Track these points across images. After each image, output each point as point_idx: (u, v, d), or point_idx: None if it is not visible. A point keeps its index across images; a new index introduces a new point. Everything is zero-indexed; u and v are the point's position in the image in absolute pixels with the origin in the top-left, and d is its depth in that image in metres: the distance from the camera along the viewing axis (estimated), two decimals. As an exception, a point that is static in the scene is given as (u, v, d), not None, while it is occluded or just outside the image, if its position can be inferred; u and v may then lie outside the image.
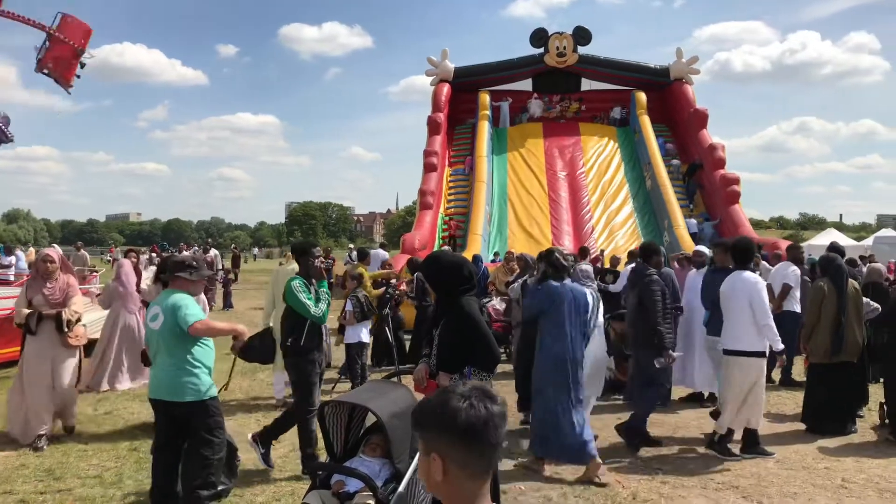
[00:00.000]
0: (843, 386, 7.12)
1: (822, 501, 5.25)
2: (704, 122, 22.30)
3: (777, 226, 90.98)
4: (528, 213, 20.71)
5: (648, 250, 6.83)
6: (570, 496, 5.32)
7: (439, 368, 4.23)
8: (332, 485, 3.73)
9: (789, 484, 5.60)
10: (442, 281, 4.35)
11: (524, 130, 24.10)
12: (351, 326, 8.57)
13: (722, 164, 20.68)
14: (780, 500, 5.26)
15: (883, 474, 5.86)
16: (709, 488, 5.51)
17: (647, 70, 24.39)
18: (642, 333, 6.45)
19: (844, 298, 6.98)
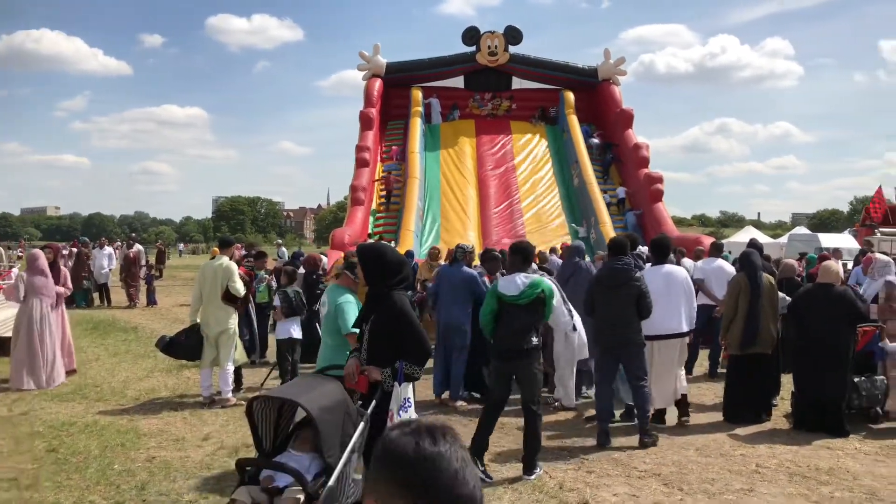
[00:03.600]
0: (758, 376, 7.44)
1: (737, 486, 5.50)
2: (630, 122, 22.90)
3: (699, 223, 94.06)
4: (460, 209, 20.86)
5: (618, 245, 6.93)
6: (499, 487, 5.42)
7: (370, 362, 4.24)
8: (260, 480, 3.70)
9: (707, 471, 5.84)
10: (379, 274, 4.36)
11: (456, 127, 24.25)
12: (280, 322, 8.48)
13: (646, 162, 21.30)
14: (699, 486, 5.48)
15: (793, 459, 6.17)
16: (632, 477, 5.69)
17: (576, 70, 24.86)
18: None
19: (758, 292, 7.29)
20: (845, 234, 33.14)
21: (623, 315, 6.41)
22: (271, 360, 9.79)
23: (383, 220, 21.13)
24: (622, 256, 6.62)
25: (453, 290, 8.12)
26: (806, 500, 5.23)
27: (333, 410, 3.79)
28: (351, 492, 3.87)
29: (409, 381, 4.22)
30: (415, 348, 4.21)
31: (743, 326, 7.31)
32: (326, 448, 3.69)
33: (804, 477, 5.73)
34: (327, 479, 3.63)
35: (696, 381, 9.24)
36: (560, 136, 23.81)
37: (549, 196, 21.83)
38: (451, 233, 19.72)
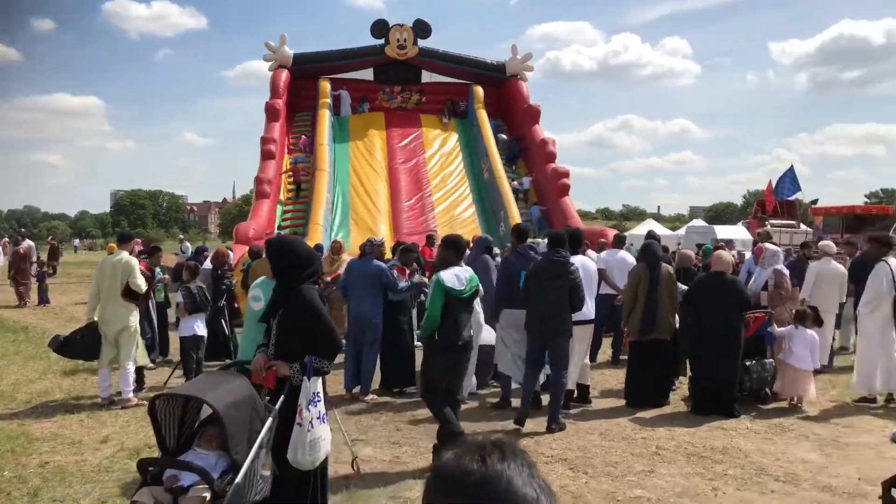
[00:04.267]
0: (658, 362, 7.76)
1: (638, 468, 5.72)
2: (537, 118, 23.33)
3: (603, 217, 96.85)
4: (370, 202, 20.75)
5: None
6: (409, 479, 5.45)
7: (278, 357, 4.18)
8: (164, 480, 3.59)
9: (611, 454, 6.05)
10: (289, 268, 4.29)
11: (366, 120, 24.08)
12: (184, 319, 8.23)
13: (553, 157, 21.76)
14: (603, 469, 5.68)
15: (691, 440, 6.47)
16: (539, 462, 5.82)
17: (485, 65, 25.10)
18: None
19: (657, 282, 7.59)
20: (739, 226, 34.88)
21: (556, 306, 6.65)
22: (174, 359, 9.47)
23: (291, 213, 20.77)
24: (559, 249, 6.82)
25: (363, 283, 8.08)
26: (702, 478, 5.49)
27: (240, 406, 3.71)
28: (259, 488, 3.81)
29: (319, 375, 4.18)
30: (324, 342, 4.17)
31: (643, 314, 7.60)
32: (233, 445, 3.61)
33: (700, 457, 6.02)
34: (234, 476, 3.56)
35: (600, 368, 9.56)
36: (470, 129, 24.01)
37: (459, 189, 21.99)
38: (362, 226, 19.58)
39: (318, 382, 4.15)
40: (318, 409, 4.10)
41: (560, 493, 5.15)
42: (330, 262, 11.64)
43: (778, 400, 7.85)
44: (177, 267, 11.60)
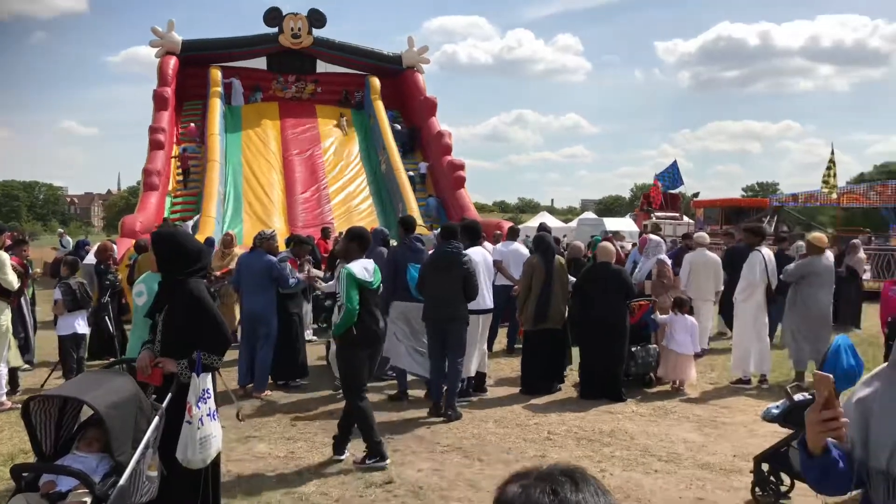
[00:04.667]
0: (551, 350, 7.99)
1: (531, 453, 5.88)
2: (433, 110, 23.44)
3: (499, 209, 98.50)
4: (264, 194, 20.28)
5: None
6: (305, 472, 5.39)
7: (164, 354, 4.03)
8: (40, 486, 3.40)
9: (505, 441, 6.19)
10: (175, 262, 4.14)
11: (259, 109, 23.49)
12: (62, 317, 7.81)
13: (449, 150, 21.94)
14: (497, 456, 5.80)
15: (580, 425, 6.71)
16: (435, 452, 5.89)
17: (381, 57, 24.99)
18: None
19: (550, 272, 7.81)
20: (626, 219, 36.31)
21: (451, 295, 6.83)
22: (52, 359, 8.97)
23: (181, 205, 20.04)
24: (452, 241, 7.02)
25: (254, 278, 7.90)
26: (591, 460, 5.70)
27: (123, 406, 3.56)
28: (145, 489, 3.67)
29: (208, 371, 4.07)
30: (213, 337, 4.06)
31: (536, 304, 7.80)
32: (117, 447, 3.45)
33: (589, 440, 6.25)
34: (118, 478, 3.41)
35: (496, 357, 9.74)
36: (367, 121, 23.87)
37: (356, 181, 21.83)
38: (255, 219, 19.13)
39: (207, 379, 4.03)
40: (207, 406, 3.99)
41: (455, 480, 5.24)
42: (221, 257, 11.28)
43: (661, 384, 8.25)
44: (55, 262, 10.96)
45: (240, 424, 6.00)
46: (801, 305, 8.14)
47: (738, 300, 8.33)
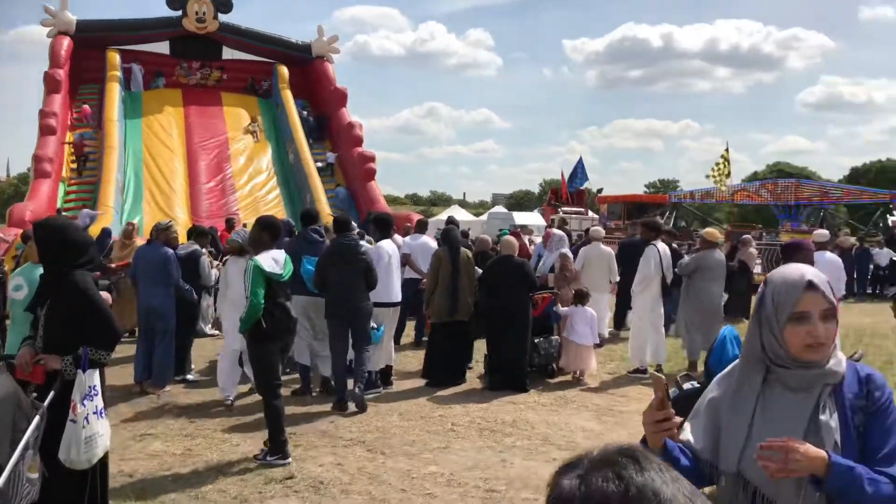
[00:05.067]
0: (457, 342, 8.06)
1: (434, 445, 5.92)
2: (344, 101, 23.19)
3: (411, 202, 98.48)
4: (166, 183, 19.57)
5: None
6: (203, 472, 5.25)
7: (47, 350, 3.83)
8: None
9: (408, 433, 6.21)
10: (59, 253, 3.93)
11: (161, 96, 22.61)
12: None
13: (359, 141, 21.77)
14: (400, 449, 5.81)
15: (484, 416, 6.80)
16: (338, 446, 5.85)
17: (290, 45, 24.50)
18: None
19: (457, 265, 7.87)
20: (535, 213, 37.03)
21: (353, 287, 6.84)
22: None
23: (75, 194, 19.11)
24: (348, 233, 7.05)
25: (150, 271, 7.61)
26: (493, 451, 5.80)
27: (1, 405, 3.37)
28: (25, 492, 3.48)
29: (96, 367, 3.89)
30: (101, 332, 3.89)
31: (444, 297, 7.85)
32: (-7, 448, 3.27)
33: (492, 431, 6.35)
34: (-7, 482, 3.22)
35: (403, 350, 9.75)
36: (274, 110, 23.37)
37: (264, 171, 21.36)
38: (156, 209, 18.45)
39: (94, 375, 3.85)
40: (94, 404, 3.82)
41: (357, 474, 5.21)
42: (121, 248, 10.84)
43: (563, 374, 8.46)
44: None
45: (134, 423, 5.79)
46: (694, 298, 8.50)
47: (635, 293, 8.63)
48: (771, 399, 1.86)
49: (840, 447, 1.74)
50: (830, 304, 1.80)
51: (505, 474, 5.30)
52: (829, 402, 1.79)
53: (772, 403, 1.85)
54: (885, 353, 10.12)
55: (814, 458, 1.67)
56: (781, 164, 69.42)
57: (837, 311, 1.83)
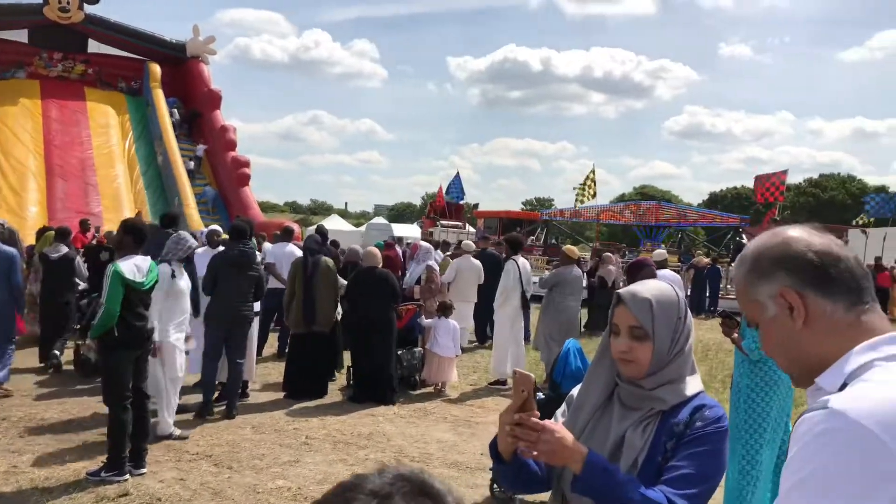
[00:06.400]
0: (318, 353, 7.93)
1: (285, 458, 5.78)
2: (218, 103, 22.53)
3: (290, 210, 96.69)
4: (19, 182, 18.26)
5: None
6: (27, 490, 4.89)
7: None
8: None
9: (259, 447, 6.04)
10: None
11: (16, 87, 21.10)
12: None
13: (233, 146, 21.18)
14: (249, 463, 5.63)
15: (340, 428, 6.72)
16: (182, 460, 5.60)
17: (163, 42, 23.55)
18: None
19: (316, 274, 7.75)
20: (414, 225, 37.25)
21: (243, 296, 6.96)
22: None
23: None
24: (245, 241, 7.11)
25: None
26: (344, 464, 5.73)
27: None
28: None
29: None
30: None
31: (303, 307, 7.71)
32: None
33: (347, 443, 6.27)
34: None
35: (264, 362, 9.49)
36: (144, 109, 22.34)
37: (130, 172, 20.33)
38: (6, 208, 17.17)
39: None
40: None
41: (199, 490, 5.01)
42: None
43: (426, 385, 8.51)
44: None
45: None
46: (553, 311, 8.77)
47: (497, 306, 8.82)
48: (608, 411, 1.88)
49: (638, 466, 1.73)
50: (638, 323, 1.79)
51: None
52: (651, 423, 1.78)
53: (605, 416, 1.87)
54: (727, 368, 10.80)
55: (572, 449, 1.65)
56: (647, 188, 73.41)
57: (650, 335, 1.78)
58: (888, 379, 1.07)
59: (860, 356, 1.13)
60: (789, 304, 1.19)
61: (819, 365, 1.17)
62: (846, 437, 1.00)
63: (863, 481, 0.97)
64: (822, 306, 1.17)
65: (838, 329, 1.16)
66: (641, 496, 1.63)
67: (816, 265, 1.18)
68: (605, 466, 1.67)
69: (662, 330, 1.80)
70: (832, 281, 1.17)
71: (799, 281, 1.18)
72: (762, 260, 1.23)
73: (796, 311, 1.18)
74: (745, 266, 1.26)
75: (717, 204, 64.15)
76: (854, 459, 0.98)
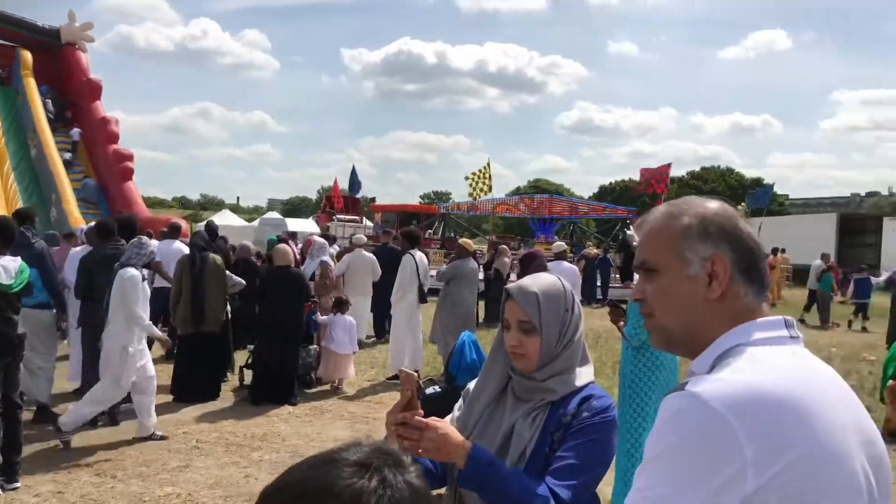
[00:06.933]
0: (208, 354, 7.66)
1: (174, 464, 5.55)
2: (98, 94, 21.34)
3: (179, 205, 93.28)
4: None
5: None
6: None
7: None
8: None
9: (145, 454, 5.77)
10: None
11: None
12: None
13: (115, 138, 20.14)
14: (135, 471, 5.38)
15: (233, 430, 6.52)
16: (61, 472, 5.29)
17: (35, 28, 22.05)
18: None
19: (204, 272, 7.48)
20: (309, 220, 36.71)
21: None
22: None
23: None
24: (115, 239, 6.67)
25: None
26: (237, 467, 5.56)
27: None
28: None
29: None
30: None
31: (191, 306, 7.43)
32: None
33: (239, 446, 6.10)
34: None
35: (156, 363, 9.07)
36: (14, 98, 20.88)
37: None
38: None
39: None
40: None
41: (79, 502, 4.74)
42: None
43: (322, 383, 8.38)
44: None
45: None
46: (450, 304, 8.81)
47: (394, 300, 8.79)
48: (501, 403, 1.89)
49: (526, 457, 1.76)
50: (527, 318, 1.81)
51: (248, 490, 5.10)
52: (541, 414, 1.80)
53: (499, 408, 1.89)
54: (617, 355, 11.19)
55: (455, 445, 1.65)
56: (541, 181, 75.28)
57: (538, 328, 1.80)
58: (748, 363, 1.11)
59: (730, 340, 1.17)
60: (716, 272, 1.20)
61: (703, 341, 1.19)
62: (696, 419, 1.03)
63: (708, 461, 1.01)
64: (739, 289, 1.20)
65: (739, 315, 1.19)
66: (523, 488, 1.66)
67: (754, 253, 1.22)
68: (489, 461, 1.68)
69: (550, 323, 1.83)
70: (757, 271, 1.21)
71: (735, 259, 1.20)
72: (712, 223, 1.22)
73: (717, 282, 1.20)
74: (685, 220, 1.24)
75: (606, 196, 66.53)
76: (701, 440, 1.02)
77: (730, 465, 1.00)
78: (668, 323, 1.25)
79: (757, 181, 68.78)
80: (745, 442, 1.00)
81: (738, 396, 1.04)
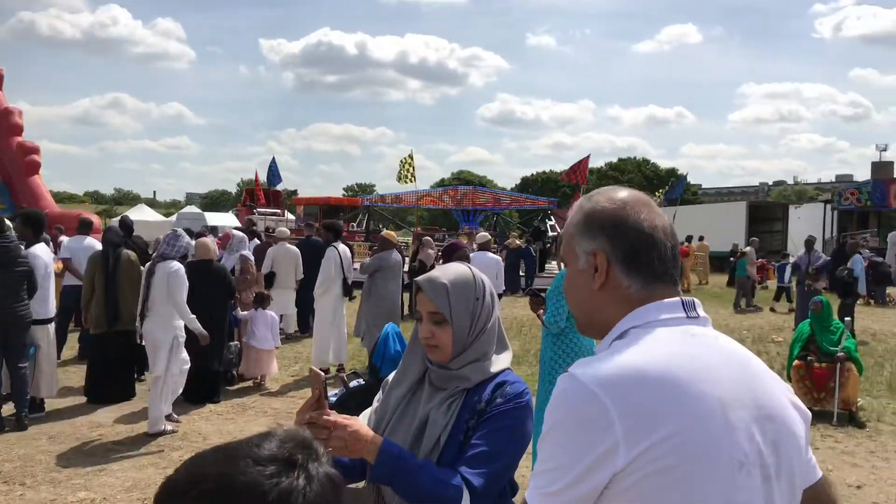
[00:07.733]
0: (123, 353, 7.40)
1: (87, 468, 5.36)
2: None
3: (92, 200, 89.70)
4: None
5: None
6: None
7: None
8: None
9: (57, 458, 5.55)
10: None
11: None
12: None
13: (19, 130, 19.13)
14: (46, 477, 5.17)
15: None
16: (-37, 482, 5.03)
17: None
18: None
19: (116, 269, 7.21)
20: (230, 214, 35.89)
21: (11, 293, 6.26)
22: None
23: None
24: (5, 234, 6.38)
25: None
26: (156, 468, 5.41)
27: None
28: None
29: None
30: None
31: (104, 304, 7.16)
32: None
33: (158, 446, 5.94)
34: None
35: (66, 365, 8.74)
36: None
37: None
38: None
39: None
40: None
41: (-15, 513, 4.52)
42: None
43: (244, 380, 8.23)
44: None
45: None
46: (375, 297, 8.78)
47: (317, 294, 8.69)
48: (418, 393, 1.90)
49: (441, 446, 1.76)
50: (436, 309, 1.82)
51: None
52: (456, 402, 1.81)
53: (415, 398, 1.89)
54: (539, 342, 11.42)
55: (365, 441, 1.66)
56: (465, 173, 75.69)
57: (449, 319, 1.81)
58: (631, 344, 1.16)
59: (626, 324, 1.22)
60: (598, 265, 1.25)
61: (605, 326, 1.25)
62: (573, 398, 1.10)
63: (584, 438, 1.07)
64: (621, 280, 1.24)
65: (630, 302, 1.23)
66: (435, 479, 1.67)
67: (633, 244, 1.24)
68: (399, 454, 1.68)
69: (460, 313, 1.84)
70: (640, 262, 1.24)
71: (612, 250, 1.24)
72: (593, 218, 1.27)
73: (597, 274, 1.25)
74: (578, 216, 1.30)
75: (528, 188, 67.50)
76: (578, 418, 1.09)
77: (603, 442, 1.06)
78: (575, 311, 1.34)
79: (671, 171, 71.15)
80: (616, 420, 1.05)
81: (612, 376, 1.10)
